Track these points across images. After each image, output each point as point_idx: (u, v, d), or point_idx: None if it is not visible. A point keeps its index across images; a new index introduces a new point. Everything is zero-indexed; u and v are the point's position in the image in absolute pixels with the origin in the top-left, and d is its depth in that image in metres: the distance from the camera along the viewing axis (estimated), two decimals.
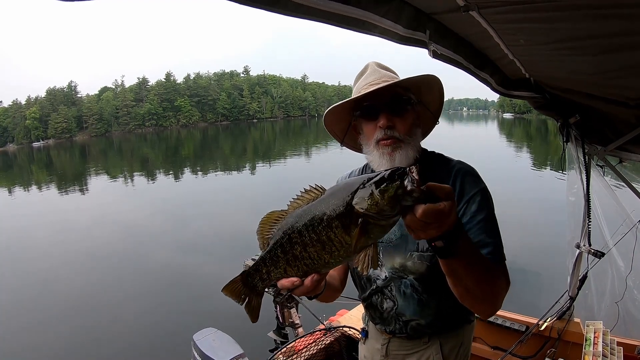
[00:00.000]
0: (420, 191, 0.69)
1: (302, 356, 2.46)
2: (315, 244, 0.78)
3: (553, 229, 8.25)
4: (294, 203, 0.85)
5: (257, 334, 3.38)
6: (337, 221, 0.74)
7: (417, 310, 1.32)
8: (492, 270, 1.04)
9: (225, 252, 9.56)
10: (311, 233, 0.78)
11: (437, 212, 0.71)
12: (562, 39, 1.14)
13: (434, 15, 1.19)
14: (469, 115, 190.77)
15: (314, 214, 0.78)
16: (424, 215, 0.70)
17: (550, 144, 33.81)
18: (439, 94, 1.34)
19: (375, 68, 1.33)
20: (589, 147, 2.34)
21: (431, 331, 1.36)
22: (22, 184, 29.55)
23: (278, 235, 0.84)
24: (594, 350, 2.33)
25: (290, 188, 6.02)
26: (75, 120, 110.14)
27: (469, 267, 0.93)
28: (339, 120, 1.39)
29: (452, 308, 1.28)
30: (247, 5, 0.75)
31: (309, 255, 0.80)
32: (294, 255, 0.82)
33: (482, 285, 1.00)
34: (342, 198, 0.74)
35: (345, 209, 0.73)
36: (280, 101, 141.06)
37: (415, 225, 0.73)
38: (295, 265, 0.83)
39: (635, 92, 1.53)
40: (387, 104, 1.23)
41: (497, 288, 1.06)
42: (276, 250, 0.85)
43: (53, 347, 5.97)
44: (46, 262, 9.84)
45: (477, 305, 1.09)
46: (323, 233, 0.76)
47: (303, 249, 0.80)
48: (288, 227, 0.82)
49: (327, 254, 0.78)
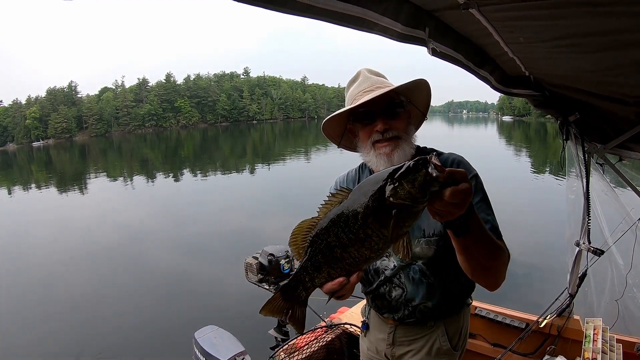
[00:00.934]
0: (444, 176, 0.73)
1: (303, 353, 2.47)
2: (355, 243, 0.81)
3: (552, 227, 8.26)
4: (323, 208, 0.86)
5: (258, 332, 3.38)
6: (371, 217, 0.77)
7: (426, 294, 1.40)
8: (497, 244, 1.13)
9: (225, 251, 9.58)
10: (349, 234, 0.80)
11: (462, 192, 0.75)
12: (561, 36, 1.14)
13: (434, 13, 1.19)
14: (468, 118, 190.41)
15: (347, 214, 0.80)
16: (451, 197, 0.74)
17: (549, 146, 33.81)
18: (426, 95, 1.43)
19: (367, 75, 1.41)
20: (588, 145, 2.34)
21: (437, 312, 1.44)
22: (22, 183, 29.52)
23: (316, 242, 0.86)
24: (593, 347, 2.34)
25: (289, 188, 6.08)
26: (75, 120, 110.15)
27: (480, 242, 1.01)
28: (336, 125, 1.48)
29: (455, 288, 1.42)
30: (246, 3, 0.75)
31: (350, 254, 0.83)
32: (335, 258, 0.84)
33: (491, 258, 1.10)
34: (372, 194, 0.77)
35: (378, 204, 0.77)
36: (280, 103, 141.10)
37: (444, 208, 0.77)
38: (338, 267, 0.85)
39: (634, 90, 1.53)
40: (382, 109, 1.32)
41: (503, 259, 1.15)
42: (317, 257, 0.86)
43: (54, 345, 5.97)
44: (46, 261, 9.84)
45: (488, 278, 1.18)
46: (360, 231, 0.79)
47: (343, 250, 0.82)
48: (324, 232, 0.84)
49: (367, 249, 0.81)
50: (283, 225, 11.19)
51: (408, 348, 1.50)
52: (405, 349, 1.51)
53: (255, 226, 11.63)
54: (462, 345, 1.52)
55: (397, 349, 1.53)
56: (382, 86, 1.33)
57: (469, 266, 1.11)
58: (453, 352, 1.47)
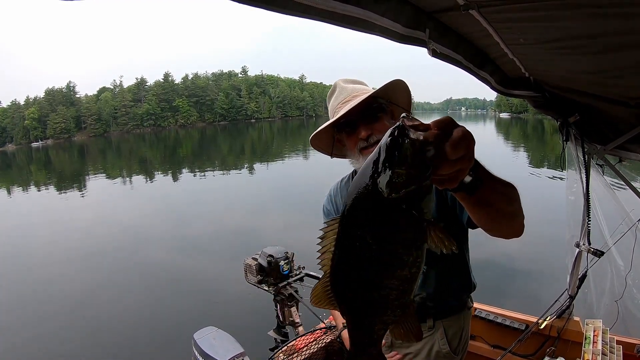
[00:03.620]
0: (433, 133, 0.56)
1: (302, 355, 2.45)
2: (384, 274, 0.62)
3: (552, 227, 8.25)
4: (323, 259, 0.66)
5: (258, 333, 3.38)
6: (383, 231, 0.59)
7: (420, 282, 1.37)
8: (511, 184, 0.94)
9: (225, 250, 9.57)
10: (372, 270, 0.62)
11: (462, 139, 0.57)
12: (562, 37, 1.13)
13: (434, 14, 1.18)
14: (467, 115, 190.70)
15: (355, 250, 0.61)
16: (454, 151, 0.57)
17: (546, 143, 33.83)
18: (406, 93, 1.43)
19: (342, 86, 1.42)
20: (588, 146, 2.33)
21: (433, 305, 1.44)
22: (21, 183, 29.46)
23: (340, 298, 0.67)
24: (593, 348, 2.34)
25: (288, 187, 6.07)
26: (74, 121, 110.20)
27: (494, 188, 0.84)
28: (324, 137, 1.50)
29: (450, 280, 1.44)
30: (246, 4, 0.74)
31: (389, 288, 0.63)
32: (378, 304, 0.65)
33: (509, 201, 0.93)
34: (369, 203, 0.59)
35: (382, 212, 0.58)
36: (278, 101, 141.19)
37: (453, 167, 0.58)
38: (387, 310, 0.66)
39: (635, 91, 1.53)
40: (362, 116, 1.33)
41: (519, 199, 0.97)
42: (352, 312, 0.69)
43: (53, 345, 5.96)
44: (45, 261, 9.82)
45: (512, 223, 1.00)
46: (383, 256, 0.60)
47: (379, 291, 0.63)
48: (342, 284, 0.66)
49: (401, 269, 0.61)
50: (283, 225, 11.21)
51: (406, 351, 1.50)
52: (403, 351, 1.51)
53: (254, 226, 11.62)
54: (462, 349, 1.51)
55: (395, 350, 1.53)
56: (359, 94, 1.35)
57: (487, 218, 0.93)
58: (453, 355, 1.46)
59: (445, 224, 1.40)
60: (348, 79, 1.46)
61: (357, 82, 1.46)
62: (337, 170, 1.67)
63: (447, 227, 0.79)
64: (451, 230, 1.31)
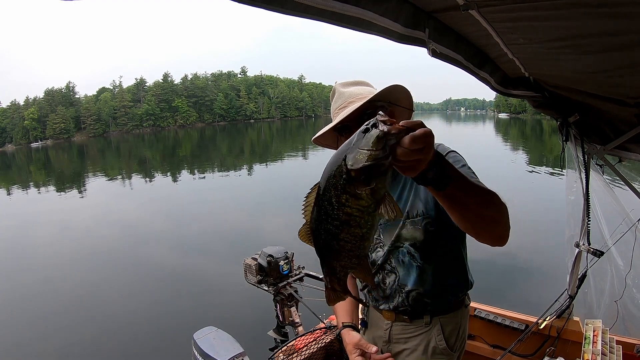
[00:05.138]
0: (398, 127, 0.72)
1: (302, 355, 2.45)
2: (343, 228, 0.78)
3: (551, 227, 8.26)
4: (305, 212, 0.84)
5: (258, 333, 3.38)
6: (344, 195, 0.75)
7: (417, 277, 1.42)
8: (490, 191, 1.03)
9: (224, 250, 9.57)
10: (333, 222, 0.78)
11: (423, 134, 0.71)
12: (561, 37, 1.13)
13: (434, 14, 1.18)
14: (466, 116, 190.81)
15: (324, 205, 0.78)
16: (412, 143, 0.71)
17: (545, 143, 33.82)
18: (405, 94, 1.42)
19: (340, 91, 1.43)
20: (588, 146, 2.34)
21: (431, 302, 1.45)
22: (21, 184, 29.43)
23: (317, 244, 0.85)
24: (593, 348, 2.34)
25: (288, 187, 6.07)
26: (73, 121, 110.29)
27: (466, 189, 0.94)
28: (328, 137, 1.51)
29: (447, 277, 1.44)
30: (246, 4, 0.74)
31: (345, 241, 0.80)
32: (336, 251, 0.82)
33: (484, 205, 1.00)
34: (335, 173, 0.75)
35: (346, 179, 0.74)
36: (277, 102, 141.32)
37: (409, 157, 0.72)
38: (345, 257, 0.83)
39: (635, 91, 1.53)
40: (357, 123, 1.31)
41: (499, 206, 1.04)
42: (323, 257, 0.86)
43: (53, 345, 5.94)
44: (45, 261, 9.81)
45: (491, 229, 1.06)
46: (341, 214, 0.77)
47: (337, 240, 0.80)
48: (316, 233, 0.83)
49: (356, 227, 0.78)
50: (282, 225, 11.18)
51: (404, 346, 1.52)
52: (401, 346, 1.52)
53: (254, 226, 11.62)
54: (459, 346, 1.52)
55: (393, 346, 1.55)
56: (355, 100, 1.36)
57: (465, 220, 1.01)
58: (450, 352, 1.47)
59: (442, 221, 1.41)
60: (347, 81, 1.46)
61: (357, 83, 1.45)
62: None
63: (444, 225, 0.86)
64: (448, 228, 1.34)
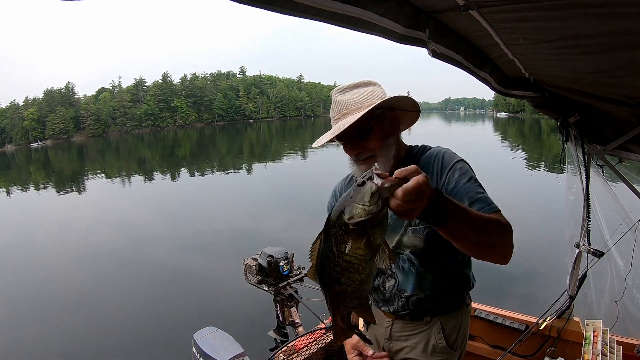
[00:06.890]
0: (391, 180, 0.79)
1: (302, 355, 2.45)
2: (344, 273, 0.87)
3: (551, 227, 8.26)
4: (312, 255, 0.93)
5: (258, 333, 3.37)
6: (343, 245, 0.84)
7: (416, 284, 1.42)
8: (491, 219, 1.10)
9: (224, 250, 9.56)
10: (335, 268, 0.87)
11: (415, 187, 0.78)
12: (561, 37, 1.13)
13: (434, 14, 1.18)
14: (466, 115, 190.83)
15: (327, 253, 0.87)
16: (405, 195, 0.77)
17: (543, 143, 33.81)
18: (406, 99, 1.40)
19: (336, 99, 1.39)
20: (588, 147, 2.33)
21: (431, 305, 1.45)
22: (21, 184, 29.40)
23: (322, 286, 0.94)
24: (593, 349, 2.34)
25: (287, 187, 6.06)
26: (73, 121, 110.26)
27: (466, 223, 0.99)
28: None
29: (447, 282, 1.44)
30: (245, 4, 0.74)
31: (347, 285, 0.88)
32: (339, 293, 0.91)
33: (485, 234, 1.06)
34: (335, 226, 0.84)
35: (344, 231, 0.83)
36: (276, 101, 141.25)
37: (402, 208, 0.79)
38: (347, 299, 0.92)
39: (635, 91, 1.53)
40: (350, 138, 1.34)
41: (500, 232, 1.10)
42: (328, 297, 0.95)
43: (53, 344, 5.95)
44: (45, 261, 9.81)
45: (492, 254, 1.12)
46: (341, 261, 0.85)
47: (339, 284, 0.89)
48: (320, 276, 0.92)
49: (355, 273, 0.86)
50: (282, 225, 11.19)
51: (404, 344, 1.52)
52: (401, 344, 1.52)
53: (253, 226, 11.60)
54: (460, 345, 1.52)
55: (394, 343, 1.55)
56: (349, 111, 1.32)
57: (467, 249, 1.09)
58: (450, 351, 1.46)
59: None
60: (344, 86, 1.40)
61: (355, 86, 1.39)
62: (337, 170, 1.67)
63: None
64: None
